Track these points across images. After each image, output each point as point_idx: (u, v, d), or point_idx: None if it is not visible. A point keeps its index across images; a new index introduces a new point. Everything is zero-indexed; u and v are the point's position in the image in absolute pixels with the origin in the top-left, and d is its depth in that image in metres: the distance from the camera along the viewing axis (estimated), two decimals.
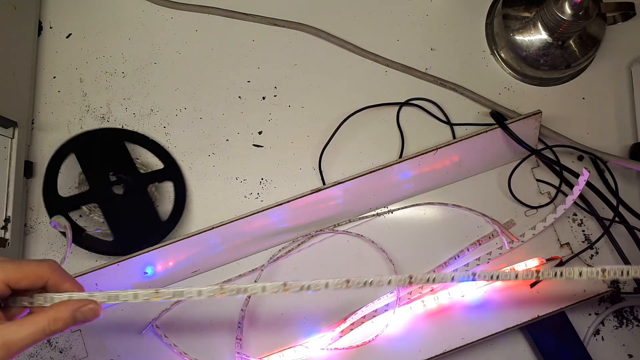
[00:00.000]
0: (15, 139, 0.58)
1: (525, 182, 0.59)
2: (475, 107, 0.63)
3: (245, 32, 0.66)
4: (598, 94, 0.63)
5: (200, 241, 0.56)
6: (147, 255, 0.55)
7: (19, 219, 0.59)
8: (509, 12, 0.61)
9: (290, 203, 0.55)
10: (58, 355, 0.58)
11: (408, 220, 0.59)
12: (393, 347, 0.56)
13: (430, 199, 0.60)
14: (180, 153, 0.62)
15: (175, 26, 0.66)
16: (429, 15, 0.65)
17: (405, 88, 0.63)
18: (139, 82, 0.65)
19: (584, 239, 0.59)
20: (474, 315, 0.56)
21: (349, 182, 0.56)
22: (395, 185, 0.58)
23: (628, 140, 0.61)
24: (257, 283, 0.45)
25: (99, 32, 0.66)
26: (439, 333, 0.56)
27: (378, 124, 0.63)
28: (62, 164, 0.60)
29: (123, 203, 0.59)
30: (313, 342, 0.56)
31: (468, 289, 0.56)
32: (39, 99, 0.64)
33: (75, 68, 0.65)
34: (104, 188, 0.59)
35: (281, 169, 0.62)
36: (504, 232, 0.57)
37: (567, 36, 0.58)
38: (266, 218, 0.56)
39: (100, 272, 0.55)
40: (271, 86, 0.64)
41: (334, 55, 0.65)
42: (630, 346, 0.57)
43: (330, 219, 0.59)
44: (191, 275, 0.58)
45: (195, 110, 0.64)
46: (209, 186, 0.62)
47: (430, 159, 0.57)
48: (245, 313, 0.56)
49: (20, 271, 0.37)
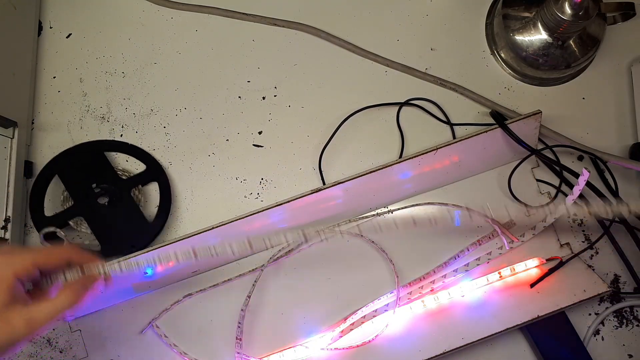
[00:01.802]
0: (15, 139, 0.59)
1: (525, 182, 0.59)
2: (475, 107, 0.63)
3: (245, 32, 0.66)
4: (598, 94, 0.63)
5: (200, 241, 0.56)
6: (147, 256, 0.55)
7: (19, 219, 0.59)
8: (509, 12, 0.61)
9: (290, 203, 0.55)
10: (58, 355, 0.58)
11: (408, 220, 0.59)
12: (393, 347, 0.56)
13: (430, 199, 0.60)
14: (180, 153, 0.63)
15: (175, 26, 0.66)
16: (429, 15, 0.65)
17: (405, 88, 0.63)
18: (139, 82, 0.65)
19: (584, 239, 0.59)
20: (474, 315, 0.56)
21: (349, 182, 0.56)
22: (395, 185, 0.58)
23: (628, 140, 0.61)
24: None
25: (99, 32, 0.66)
26: (439, 333, 0.56)
27: (378, 124, 0.63)
28: (47, 187, 0.61)
29: (108, 211, 0.60)
30: (313, 342, 0.56)
31: (468, 289, 0.56)
32: (39, 99, 0.64)
33: (75, 68, 0.65)
34: (88, 200, 0.60)
35: (281, 169, 0.62)
36: (504, 232, 0.57)
37: (567, 36, 0.58)
38: (266, 218, 0.56)
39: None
40: (271, 86, 0.64)
41: (334, 55, 0.65)
42: (630, 346, 0.57)
43: (330, 219, 0.59)
44: (191, 275, 0.58)
45: (195, 110, 0.64)
46: (209, 186, 0.62)
47: (430, 159, 0.57)
48: (245, 313, 0.56)
49: (48, 255, 0.44)
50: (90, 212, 0.59)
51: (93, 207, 0.60)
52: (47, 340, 0.58)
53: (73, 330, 0.58)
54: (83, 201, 0.60)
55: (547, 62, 0.60)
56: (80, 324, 0.58)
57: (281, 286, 0.58)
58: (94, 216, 0.59)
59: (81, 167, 0.61)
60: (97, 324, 0.58)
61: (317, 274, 0.58)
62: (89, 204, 0.60)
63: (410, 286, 0.57)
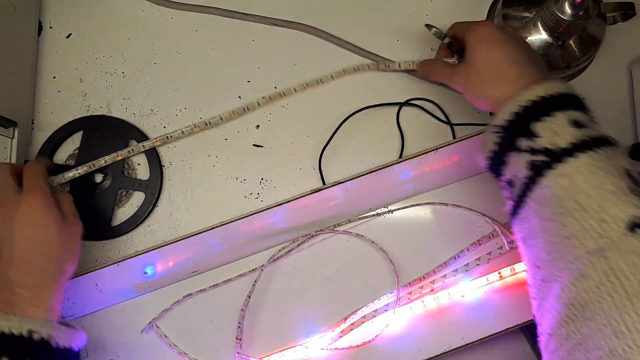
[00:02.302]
0: (15, 139, 0.58)
1: None
2: (475, 107, 0.62)
3: (245, 32, 0.66)
4: (598, 94, 0.63)
5: (200, 241, 0.56)
6: (147, 255, 0.55)
7: None
8: (509, 12, 0.61)
9: (290, 203, 0.55)
10: None
11: (408, 220, 0.59)
12: (393, 347, 0.56)
13: (430, 199, 0.60)
14: (180, 153, 0.63)
15: (175, 26, 0.66)
16: (429, 15, 0.65)
17: (405, 88, 0.63)
18: (139, 82, 0.65)
19: None
20: (474, 315, 0.56)
21: (349, 182, 0.56)
22: (395, 185, 0.58)
23: (628, 140, 0.61)
24: None
25: (99, 32, 0.66)
26: (439, 333, 0.56)
27: (378, 124, 0.63)
28: (68, 137, 0.62)
29: (91, 191, 0.60)
30: (313, 342, 0.56)
31: (468, 289, 0.56)
32: (39, 99, 0.64)
33: (75, 68, 0.65)
34: (86, 173, 0.59)
35: (281, 169, 0.62)
36: (504, 232, 0.57)
37: (567, 36, 0.58)
38: (266, 218, 0.56)
39: (100, 272, 0.55)
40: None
41: (334, 55, 0.65)
42: None
43: (330, 219, 0.59)
44: (191, 275, 0.58)
45: (195, 110, 0.64)
46: (209, 186, 0.62)
47: (430, 159, 0.57)
48: (245, 313, 0.56)
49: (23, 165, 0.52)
50: (79, 181, 0.59)
51: (85, 178, 0.60)
52: None
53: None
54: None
55: (547, 62, 0.60)
56: (80, 324, 0.58)
57: (281, 286, 0.58)
58: (79, 187, 0.60)
59: (104, 139, 0.62)
60: (97, 324, 0.58)
61: (317, 274, 0.58)
62: (84, 175, 0.59)
63: (410, 286, 0.57)
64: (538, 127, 0.43)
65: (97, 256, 0.60)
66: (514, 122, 0.45)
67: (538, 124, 0.44)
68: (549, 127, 0.43)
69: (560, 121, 0.43)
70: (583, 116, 0.45)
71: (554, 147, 0.42)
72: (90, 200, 0.60)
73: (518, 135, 0.44)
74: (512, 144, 0.45)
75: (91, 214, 0.60)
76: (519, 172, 0.44)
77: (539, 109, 0.44)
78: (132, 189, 0.61)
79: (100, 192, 0.61)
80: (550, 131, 0.43)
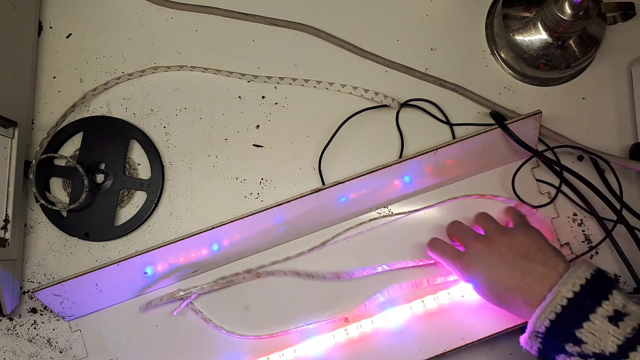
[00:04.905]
0: (15, 139, 0.59)
1: (526, 182, 0.59)
2: (475, 108, 0.63)
3: (245, 32, 0.66)
4: (598, 94, 0.63)
5: (200, 241, 0.56)
6: (147, 255, 0.55)
7: (19, 219, 0.59)
8: (509, 12, 0.61)
9: (290, 203, 0.55)
10: (58, 355, 0.58)
11: (408, 221, 0.59)
12: (393, 347, 0.56)
13: (430, 199, 0.60)
14: (180, 153, 0.63)
15: (175, 26, 0.66)
16: (429, 15, 0.65)
17: (405, 88, 0.63)
18: (139, 82, 0.65)
19: (584, 239, 0.59)
20: (474, 315, 0.56)
21: (349, 182, 0.56)
22: (395, 185, 0.58)
23: (628, 140, 0.61)
24: None
25: (99, 32, 0.66)
26: (439, 333, 0.56)
27: (378, 124, 0.63)
28: (68, 139, 0.63)
29: (92, 191, 0.61)
30: (313, 342, 0.56)
31: (468, 289, 0.56)
32: (39, 99, 0.64)
33: (75, 68, 0.65)
34: (88, 172, 0.60)
35: (281, 169, 0.62)
36: (520, 205, 0.57)
37: (567, 36, 0.58)
38: (266, 218, 0.56)
39: (100, 272, 0.55)
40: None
41: (334, 55, 0.65)
42: None
43: (330, 219, 0.59)
44: (191, 275, 0.58)
45: (195, 110, 0.64)
46: (209, 186, 0.62)
47: (430, 159, 0.57)
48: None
49: None
50: (80, 180, 0.59)
51: (88, 179, 0.60)
52: (47, 340, 0.58)
53: (73, 330, 0.58)
54: (84, 169, 0.60)
55: (547, 62, 0.60)
56: (80, 324, 0.58)
57: (281, 286, 0.58)
58: (80, 188, 0.60)
59: (105, 139, 0.62)
60: (97, 324, 0.58)
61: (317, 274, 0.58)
62: (86, 174, 0.59)
63: (410, 286, 0.57)
64: (577, 334, 0.42)
65: (97, 256, 0.61)
66: (551, 329, 0.44)
67: (577, 331, 0.42)
68: (589, 333, 0.42)
69: (600, 323, 0.42)
70: (617, 297, 0.43)
71: (603, 352, 0.41)
72: (92, 201, 0.61)
73: (561, 341, 0.43)
74: (557, 347, 0.44)
75: (94, 215, 0.60)
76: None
77: (574, 310, 0.43)
78: (134, 189, 0.61)
79: (103, 193, 0.61)
80: (592, 337, 0.42)
